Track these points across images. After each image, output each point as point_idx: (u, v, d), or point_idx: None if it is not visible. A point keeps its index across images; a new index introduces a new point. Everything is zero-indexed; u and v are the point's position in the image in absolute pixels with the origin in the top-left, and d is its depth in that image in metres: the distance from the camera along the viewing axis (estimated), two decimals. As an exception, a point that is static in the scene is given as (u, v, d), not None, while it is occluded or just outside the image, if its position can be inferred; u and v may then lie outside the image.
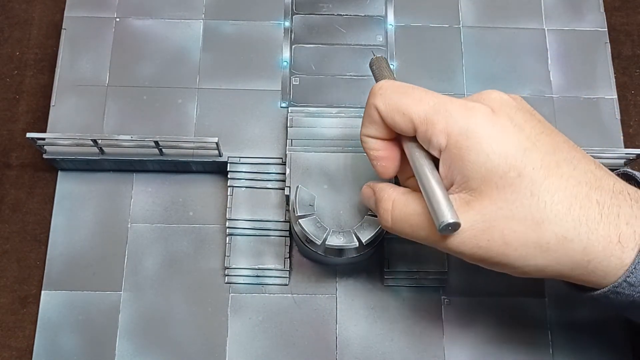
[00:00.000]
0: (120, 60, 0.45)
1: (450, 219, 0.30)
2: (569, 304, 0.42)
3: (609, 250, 0.30)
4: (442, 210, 0.30)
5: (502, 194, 0.30)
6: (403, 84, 0.34)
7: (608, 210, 0.30)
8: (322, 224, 0.38)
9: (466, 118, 0.31)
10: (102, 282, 0.41)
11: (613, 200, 0.31)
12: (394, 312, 0.41)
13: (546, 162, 0.30)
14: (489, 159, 0.30)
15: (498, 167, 0.30)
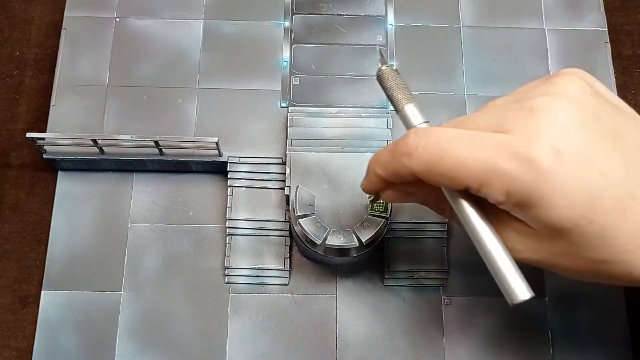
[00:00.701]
0: (120, 60, 0.45)
1: (527, 294, 0.29)
2: (569, 304, 0.42)
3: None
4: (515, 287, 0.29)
5: (569, 237, 0.28)
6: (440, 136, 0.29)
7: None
8: (322, 224, 0.38)
9: (524, 175, 0.27)
10: (102, 282, 0.41)
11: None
12: (394, 312, 0.41)
13: (620, 198, 0.27)
14: (554, 213, 0.27)
15: (566, 220, 0.27)
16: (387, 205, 0.38)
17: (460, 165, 0.28)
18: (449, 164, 0.28)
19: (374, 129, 0.42)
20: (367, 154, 0.40)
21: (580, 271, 0.30)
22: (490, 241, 0.29)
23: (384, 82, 0.33)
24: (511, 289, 0.29)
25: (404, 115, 0.32)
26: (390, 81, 0.33)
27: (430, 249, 0.42)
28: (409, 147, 0.29)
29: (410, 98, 0.33)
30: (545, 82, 0.30)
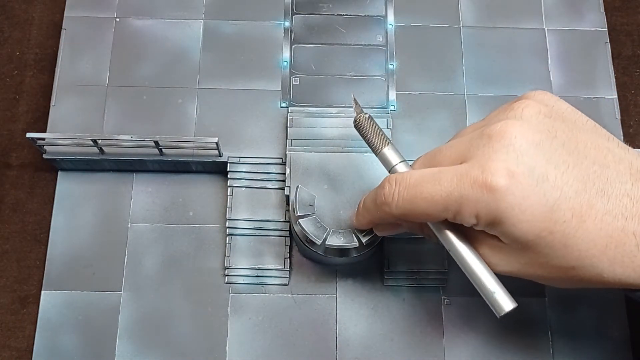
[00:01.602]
0: (120, 60, 0.45)
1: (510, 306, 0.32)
2: (569, 304, 0.42)
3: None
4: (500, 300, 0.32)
5: (535, 248, 0.31)
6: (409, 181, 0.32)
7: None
8: (322, 224, 0.38)
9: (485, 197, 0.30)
10: (102, 282, 0.41)
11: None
12: (394, 312, 0.41)
13: (577, 208, 0.30)
14: (517, 228, 0.30)
15: (527, 233, 0.30)
16: None
17: (431, 202, 0.31)
18: (422, 205, 0.32)
19: (374, 129, 0.42)
20: (367, 154, 0.40)
21: (554, 278, 0.32)
22: (472, 262, 0.33)
23: (361, 129, 0.36)
24: (496, 302, 0.32)
25: (383, 158, 0.36)
26: (367, 128, 0.36)
27: (430, 249, 0.42)
28: (385, 197, 0.33)
29: (386, 141, 0.36)
30: (506, 108, 0.33)
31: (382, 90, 0.45)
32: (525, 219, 0.30)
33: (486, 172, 0.30)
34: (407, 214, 0.33)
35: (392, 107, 0.44)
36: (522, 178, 0.29)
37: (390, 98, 0.45)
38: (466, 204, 0.30)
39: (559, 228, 0.30)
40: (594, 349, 0.41)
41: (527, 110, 0.32)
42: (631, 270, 0.30)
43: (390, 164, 0.35)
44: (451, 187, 0.31)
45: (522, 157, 0.30)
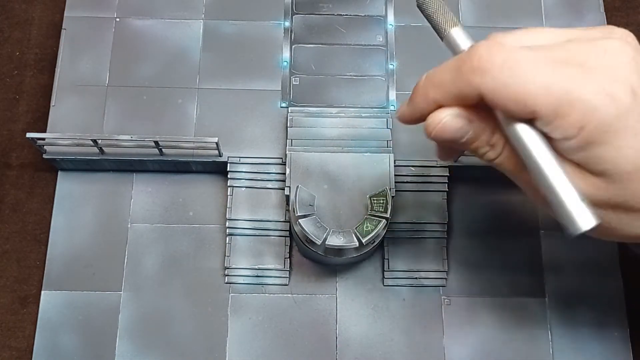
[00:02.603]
0: (120, 60, 0.45)
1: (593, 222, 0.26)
2: (569, 304, 0.42)
3: None
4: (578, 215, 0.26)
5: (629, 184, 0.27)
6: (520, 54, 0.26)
7: None
8: (322, 224, 0.38)
9: (608, 109, 0.26)
10: (102, 282, 0.41)
11: None
12: (394, 312, 0.41)
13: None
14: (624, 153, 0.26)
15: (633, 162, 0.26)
16: (387, 205, 0.38)
17: (541, 89, 0.26)
18: (528, 87, 0.26)
19: (374, 129, 0.42)
20: (367, 154, 0.40)
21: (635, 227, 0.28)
22: (552, 168, 0.27)
23: (425, 8, 0.31)
24: (573, 217, 0.26)
25: (450, 41, 0.30)
26: (433, 6, 0.31)
27: (430, 249, 0.42)
28: (481, 62, 0.26)
29: (455, 22, 0.30)
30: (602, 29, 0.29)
31: (382, 90, 0.45)
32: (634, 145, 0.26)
33: (614, 83, 0.26)
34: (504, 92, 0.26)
35: (392, 107, 0.44)
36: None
37: (390, 98, 0.45)
38: (581, 108, 0.25)
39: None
40: (594, 349, 0.41)
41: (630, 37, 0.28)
42: None
43: (461, 49, 0.29)
44: (572, 84, 0.26)
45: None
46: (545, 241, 0.43)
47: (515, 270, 0.42)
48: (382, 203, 0.38)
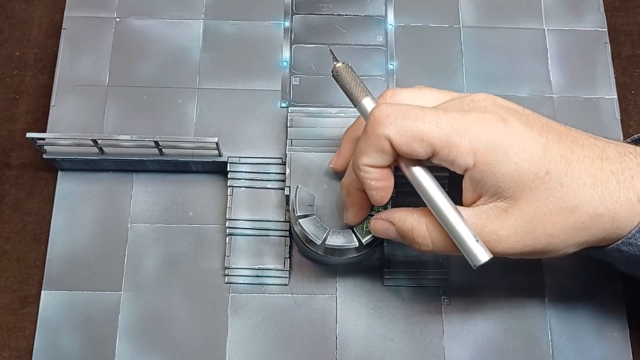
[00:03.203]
0: (120, 60, 0.45)
1: (486, 257, 0.32)
2: (569, 304, 0.42)
3: (632, 212, 0.32)
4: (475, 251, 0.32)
5: (537, 193, 0.32)
6: (409, 107, 0.33)
7: (622, 176, 0.32)
8: (322, 224, 0.38)
9: (487, 132, 0.31)
10: (102, 282, 0.41)
11: (623, 165, 0.33)
12: (394, 312, 0.41)
13: (562, 151, 0.32)
14: (519, 166, 0.31)
15: (529, 172, 0.31)
16: (387, 206, 0.38)
17: (432, 126, 0.31)
18: (422, 127, 0.32)
19: (374, 129, 0.42)
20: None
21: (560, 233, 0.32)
22: (448, 210, 0.33)
23: (340, 79, 0.36)
24: (472, 252, 0.32)
25: (362, 109, 0.35)
26: (345, 78, 0.35)
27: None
28: (380, 118, 0.32)
29: (366, 92, 0.35)
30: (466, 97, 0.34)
31: (382, 90, 0.45)
32: (525, 156, 0.31)
33: (483, 115, 0.32)
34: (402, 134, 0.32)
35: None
36: (514, 123, 0.32)
37: (390, 98, 0.45)
38: (468, 137, 0.31)
39: (553, 167, 0.32)
40: (594, 349, 0.41)
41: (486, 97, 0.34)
42: (619, 206, 0.32)
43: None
44: (455, 119, 0.32)
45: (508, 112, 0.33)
46: (545, 241, 0.43)
47: (515, 270, 0.42)
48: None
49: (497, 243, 0.32)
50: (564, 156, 0.32)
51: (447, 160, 0.32)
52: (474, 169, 0.32)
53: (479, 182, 0.32)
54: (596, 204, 0.32)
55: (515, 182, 0.31)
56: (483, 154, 0.31)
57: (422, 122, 0.32)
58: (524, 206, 0.32)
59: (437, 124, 0.32)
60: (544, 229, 0.32)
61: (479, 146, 0.31)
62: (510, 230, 0.32)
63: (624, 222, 0.33)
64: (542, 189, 0.32)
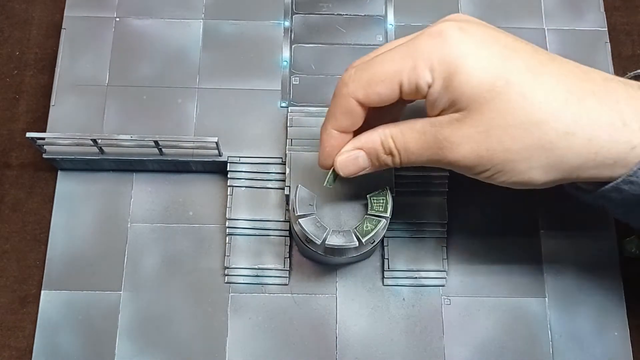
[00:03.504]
0: (120, 60, 0.45)
1: None
2: (569, 304, 0.42)
3: (616, 136, 0.30)
4: None
5: (493, 104, 0.30)
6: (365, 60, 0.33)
7: (606, 98, 0.30)
8: (322, 224, 0.38)
9: (440, 45, 0.30)
10: (102, 282, 0.41)
11: (608, 88, 0.30)
12: (394, 312, 0.41)
13: (531, 64, 0.30)
14: (472, 76, 0.30)
15: (483, 81, 0.30)
16: (387, 205, 0.38)
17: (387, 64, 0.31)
18: (377, 69, 0.32)
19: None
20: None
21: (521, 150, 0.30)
22: None
23: None
24: None
25: None
26: None
27: (430, 249, 0.42)
28: (344, 79, 0.33)
29: None
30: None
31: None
32: (480, 65, 0.30)
33: (439, 25, 0.31)
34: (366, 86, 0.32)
35: None
36: (474, 33, 0.31)
37: (390, 98, 0.45)
38: (421, 55, 0.30)
39: (515, 78, 0.30)
40: (594, 349, 0.41)
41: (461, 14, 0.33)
42: (598, 127, 0.29)
43: None
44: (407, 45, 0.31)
45: (471, 23, 0.32)
46: (545, 241, 0.43)
47: (515, 270, 0.42)
48: (382, 203, 0.38)
49: (449, 150, 0.31)
50: (532, 68, 0.30)
51: (411, 88, 0.31)
52: (433, 85, 0.31)
53: (437, 99, 0.31)
54: (567, 121, 0.29)
55: (468, 92, 0.30)
56: (438, 67, 0.30)
57: (377, 65, 0.32)
58: (478, 117, 0.30)
59: (391, 59, 0.31)
60: (500, 141, 0.30)
61: (433, 60, 0.30)
62: (463, 138, 0.31)
63: (605, 147, 0.30)
64: (499, 100, 0.30)
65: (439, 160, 0.32)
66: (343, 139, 0.34)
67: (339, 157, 0.35)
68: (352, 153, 0.34)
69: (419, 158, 0.33)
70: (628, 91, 0.30)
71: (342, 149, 0.35)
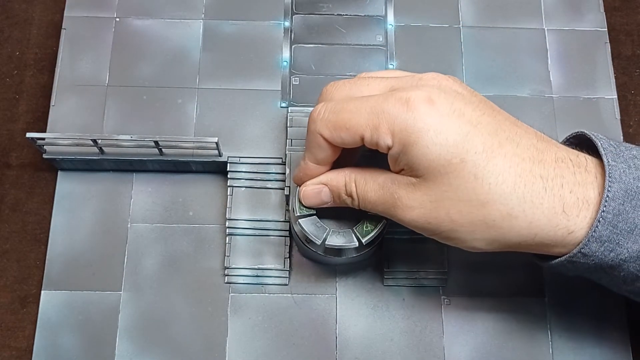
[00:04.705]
0: (120, 60, 0.45)
1: None
2: (569, 304, 0.42)
3: (554, 221, 0.32)
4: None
5: (447, 179, 0.32)
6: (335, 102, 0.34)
7: (552, 183, 0.32)
8: (322, 224, 0.38)
9: (404, 113, 0.32)
10: (102, 282, 0.41)
11: (556, 171, 0.32)
12: (394, 312, 0.41)
13: (489, 144, 0.32)
14: (430, 150, 0.31)
15: (440, 157, 0.31)
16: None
17: (354, 115, 0.33)
18: (345, 117, 0.33)
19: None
20: (367, 154, 0.40)
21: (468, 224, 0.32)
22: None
23: None
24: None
25: None
26: None
27: (430, 249, 0.42)
28: (313, 116, 0.34)
29: None
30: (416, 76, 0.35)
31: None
32: (439, 141, 0.31)
33: (409, 94, 0.32)
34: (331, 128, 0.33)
35: None
36: (441, 106, 0.32)
37: (390, 98, 0.45)
38: (386, 118, 0.32)
39: (470, 158, 0.31)
40: (594, 349, 0.41)
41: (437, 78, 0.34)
42: (540, 212, 0.31)
43: None
44: (375, 103, 0.32)
45: (442, 94, 0.32)
46: (545, 241, 0.43)
47: (515, 270, 0.42)
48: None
49: (401, 210, 0.33)
50: (489, 149, 0.32)
51: (372, 143, 0.33)
52: (392, 147, 0.32)
53: (397, 159, 0.33)
54: (512, 205, 0.31)
55: (425, 164, 0.32)
56: (398, 134, 0.32)
57: (344, 112, 0.33)
58: (431, 186, 0.32)
59: (358, 111, 0.33)
60: (448, 213, 0.32)
61: (394, 127, 0.32)
62: (415, 202, 0.33)
63: (544, 230, 0.32)
64: (453, 176, 0.31)
65: (392, 216, 0.34)
66: (318, 171, 0.36)
67: (304, 188, 0.37)
68: (316, 187, 0.36)
69: (374, 208, 0.35)
70: (575, 175, 0.32)
71: (309, 181, 0.37)
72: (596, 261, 0.32)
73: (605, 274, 0.33)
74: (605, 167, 0.32)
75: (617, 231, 0.31)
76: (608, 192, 0.31)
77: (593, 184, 0.32)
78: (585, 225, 0.31)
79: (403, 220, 0.34)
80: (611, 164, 0.32)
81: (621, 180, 0.31)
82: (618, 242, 0.31)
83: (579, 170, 0.32)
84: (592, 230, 0.31)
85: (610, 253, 0.32)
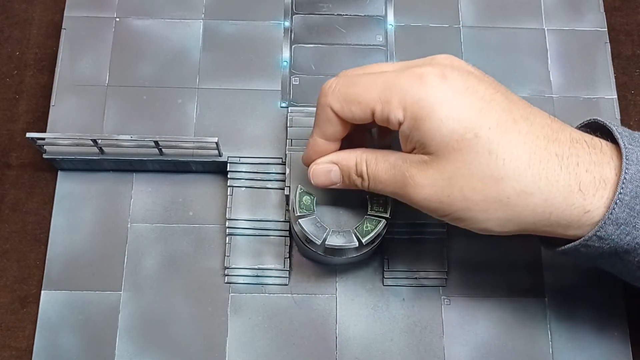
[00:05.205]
0: (120, 60, 0.45)
1: None
2: (569, 304, 0.42)
3: (570, 200, 0.31)
4: None
5: (460, 154, 0.31)
6: (348, 76, 0.34)
7: (567, 161, 0.31)
8: (322, 224, 0.38)
9: (417, 87, 0.31)
10: (102, 282, 0.41)
11: (572, 150, 0.32)
12: (393, 312, 0.41)
13: (502, 120, 0.31)
14: (443, 124, 0.31)
15: (453, 131, 0.31)
16: (387, 205, 0.38)
17: (366, 88, 0.33)
18: (356, 90, 0.33)
19: (374, 129, 0.42)
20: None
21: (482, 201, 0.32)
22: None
23: None
24: None
25: None
26: None
27: (430, 249, 0.42)
28: (324, 89, 0.34)
29: None
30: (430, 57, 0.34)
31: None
32: (452, 116, 0.31)
33: (423, 68, 0.32)
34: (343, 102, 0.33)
35: None
36: (454, 82, 0.31)
37: (390, 98, 0.45)
38: (398, 92, 0.32)
39: (484, 133, 0.31)
40: (594, 349, 0.41)
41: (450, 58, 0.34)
42: (556, 190, 0.31)
43: None
44: (388, 77, 0.32)
45: (456, 71, 0.32)
46: (545, 241, 0.43)
47: (515, 270, 0.42)
48: (381, 203, 0.38)
49: (413, 189, 0.33)
50: (503, 125, 0.31)
51: (383, 118, 0.32)
52: (404, 122, 0.32)
53: (408, 137, 0.32)
54: (526, 181, 0.31)
55: (438, 139, 0.31)
56: (410, 108, 0.31)
57: (357, 86, 0.33)
58: (444, 163, 0.31)
59: (370, 85, 0.32)
60: (461, 191, 0.32)
61: (407, 101, 0.31)
62: (427, 180, 0.32)
63: (560, 209, 0.31)
64: (467, 152, 0.31)
65: (403, 196, 0.34)
66: (327, 148, 0.36)
67: (314, 166, 0.36)
68: (327, 166, 0.36)
69: (385, 188, 0.34)
70: (591, 155, 0.32)
71: (319, 159, 0.36)
72: (611, 245, 0.31)
73: (620, 259, 0.32)
74: (622, 149, 0.31)
75: (634, 214, 0.30)
76: (625, 174, 0.30)
77: (610, 164, 0.31)
78: (602, 205, 0.31)
79: (415, 199, 0.33)
80: (627, 147, 0.31)
81: (638, 163, 0.31)
82: (635, 225, 0.31)
83: (595, 151, 0.32)
84: (609, 212, 0.30)
85: (627, 236, 0.31)
